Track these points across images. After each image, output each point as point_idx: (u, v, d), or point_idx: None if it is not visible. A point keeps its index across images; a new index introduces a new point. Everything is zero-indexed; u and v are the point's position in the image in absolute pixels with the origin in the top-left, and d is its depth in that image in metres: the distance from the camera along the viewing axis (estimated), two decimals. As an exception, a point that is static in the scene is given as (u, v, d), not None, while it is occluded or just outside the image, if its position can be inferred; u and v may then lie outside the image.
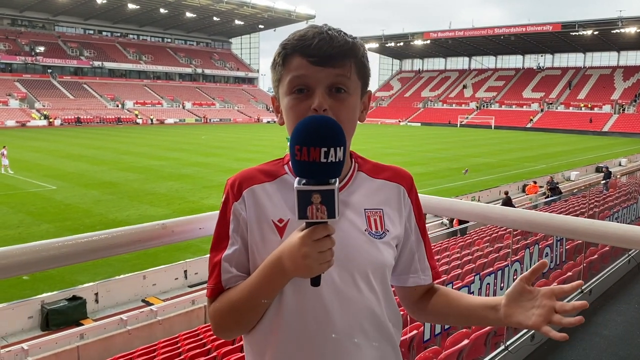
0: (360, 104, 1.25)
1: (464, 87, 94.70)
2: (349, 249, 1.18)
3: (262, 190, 1.24)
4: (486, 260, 8.61)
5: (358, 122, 1.26)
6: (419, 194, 1.37)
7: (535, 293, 1.17)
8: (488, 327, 5.30)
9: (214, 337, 7.59)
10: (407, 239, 1.32)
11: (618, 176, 24.76)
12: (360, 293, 1.21)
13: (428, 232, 1.40)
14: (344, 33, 1.21)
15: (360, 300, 1.21)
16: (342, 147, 1.04)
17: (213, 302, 1.23)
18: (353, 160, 1.30)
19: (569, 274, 7.18)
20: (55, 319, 10.31)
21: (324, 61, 1.15)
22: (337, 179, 1.05)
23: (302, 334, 1.20)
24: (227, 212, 1.25)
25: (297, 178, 1.06)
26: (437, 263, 1.37)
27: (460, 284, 6.08)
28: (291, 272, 1.10)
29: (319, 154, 1.02)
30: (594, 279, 7.32)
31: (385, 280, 1.27)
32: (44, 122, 64.34)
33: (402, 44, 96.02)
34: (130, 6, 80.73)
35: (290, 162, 1.22)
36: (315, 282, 1.10)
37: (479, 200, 19.62)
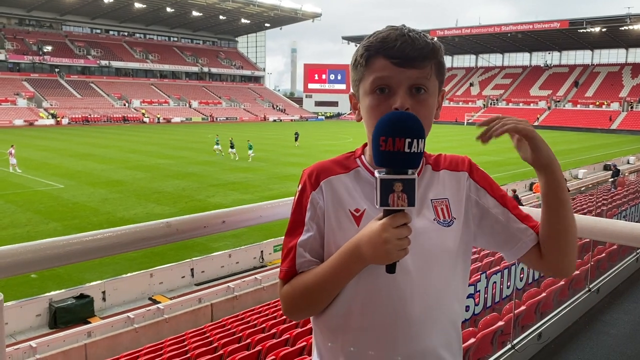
0: (437, 102, 1.31)
1: (471, 85, 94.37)
2: (420, 238, 1.22)
3: (339, 181, 1.30)
4: (493, 258, 8.59)
5: (433, 119, 1.32)
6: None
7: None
8: (495, 326, 5.28)
9: (221, 335, 7.61)
10: (489, 215, 1.34)
11: (626, 174, 24.62)
12: (432, 281, 1.26)
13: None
14: (424, 34, 1.26)
15: (432, 288, 1.26)
16: (423, 140, 1.12)
17: (285, 284, 1.28)
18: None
19: (577, 272, 7.14)
20: (63, 317, 10.38)
21: (406, 63, 1.21)
22: (415, 169, 1.12)
23: (376, 320, 1.24)
24: (304, 201, 1.30)
25: (377, 170, 1.12)
26: (532, 218, 1.37)
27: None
28: (369, 258, 1.15)
29: (403, 144, 1.09)
30: (601, 278, 7.29)
31: (456, 267, 1.31)
32: (52, 121, 64.66)
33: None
34: (137, 5, 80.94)
35: (362, 156, 1.35)
36: (391, 269, 1.14)
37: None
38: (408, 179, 1.08)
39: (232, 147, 32.95)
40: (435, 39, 1.28)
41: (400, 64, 1.21)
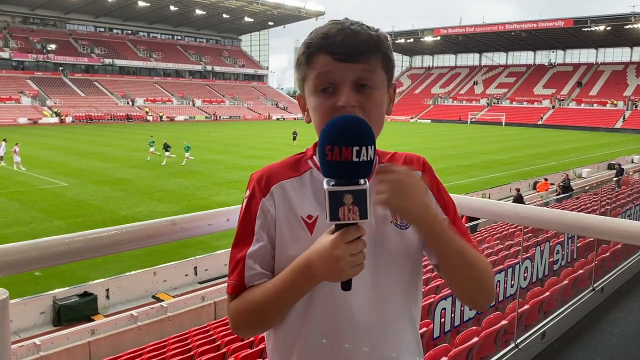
0: (387, 97, 1.23)
1: (475, 83, 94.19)
2: (377, 240, 1.17)
3: (290, 185, 1.22)
4: (496, 257, 8.57)
5: (385, 114, 1.24)
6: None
7: None
8: (498, 325, 5.27)
9: (224, 333, 7.62)
10: None
11: (630, 173, 24.55)
12: (393, 284, 1.21)
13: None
14: (367, 26, 1.19)
15: (393, 292, 1.21)
16: (372, 146, 1.03)
17: (234, 299, 1.21)
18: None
19: (580, 271, 7.13)
20: (67, 315, 10.41)
21: (349, 57, 1.14)
22: (367, 179, 1.03)
23: (332, 332, 1.18)
24: (254, 208, 1.22)
25: (326, 179, 1.03)
26: (470, 236, 1.29)
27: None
28: (321, 276, 1.08)
29: (351, 153, 1.00)
30: (605, 277, 7.27)
31: (415, 269, 1.26)
32: (56, 120, 64.80)
33: (412, 40, 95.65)
34: (141, 4, 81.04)
35: (313, 157, 1.24)
36: (347, 286, 1.07)
37: (489, 197, 19.52)
38: (359, 190, 1.00)
39: (166, 149, 29.51)
40: (380, 29, 1.20)
41: (342, 59, 1.13)
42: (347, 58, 1.14)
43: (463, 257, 1.16)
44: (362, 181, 1.02)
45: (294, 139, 40.35)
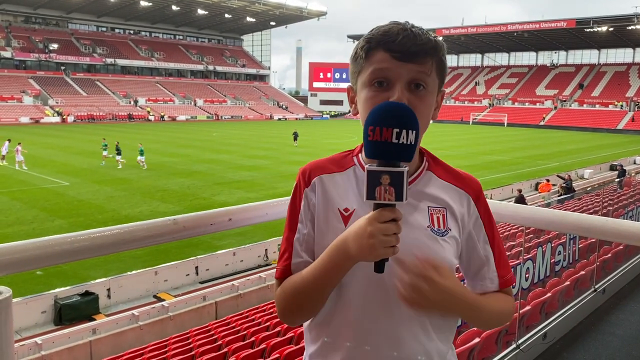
0: (435, 102, 1.28)
1: (477, 84, 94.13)
2: (410, 242, 1.19)
3: (331, 179, 1.29)
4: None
5: (431, 120, 1.28)
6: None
7: None
8: (500, 326, 5.27)
9: (225, 333, 7.62)
10: (474, 248, 1.32)
11: (633, 174, 24.51)
12: None
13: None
14: (427, 31, 1.24)
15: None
16: (414, 131, 1.06)
17: (280, 285, 1.27)
18: (425, 158, 1.32)
19: (582, 272, 7.12)
20: (68, 314, 10.42)
21: (406, 57, 1.19)
22: (407, 163, 1.07)
23: (361, 323, 1.23)
24: (298, 198, 1.30)
25: (369, 162, 1.10)
26: (510, 270, 1.37)
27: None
28: (355, 253, 1.11)
29: (391, 134, 1.05)
30: (607, 278, 7.25)
31: None
32: (57, 119, 64.86)
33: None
34: (143, 3, 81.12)
35: (359, 154, 1.31)
36: (379, 268, 1.10)
37: (491, 198, 19.43)
38: (396, 172, 1.04)
39: (118, 152, 28.12)
40: (440, 37, 1.26)
41: (400, 57, 1.18)
42: (404, 57, 1.19)
43: (490, 313, 1.29)
44: (401, 164, 1.06)
45: (295, 139, 40.23)
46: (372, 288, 1.21)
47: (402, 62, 1.19)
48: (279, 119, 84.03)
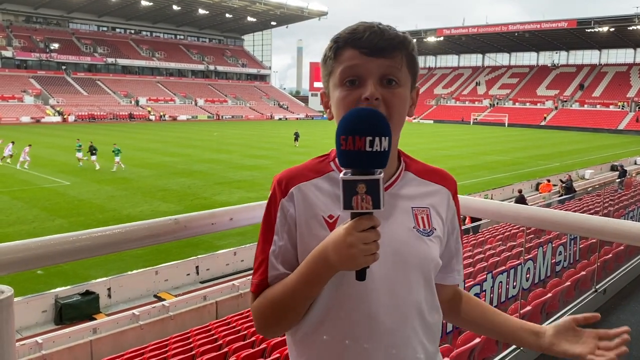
0: (410, 98, 1.26)
1: (477, 84, 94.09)
2: (398, 245, 1.19)
3: (311, 186, 1.24)
4: (499, 258, 8.56)
5: (406, 116, 1.27)
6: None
7: (581, 333, 1.29)
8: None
9: (226, 332, 7.62)
10: (449, 240, 1.34)
11: (633, 175, 24.50)
12: (410, 289, 1.22)
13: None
14: (394, 28, 1.23)
15: (409, 297, 1.22)
16: (387, 137, 1.05)
17: (256, 298, 1.23)
18: (402, 159, 1.31)
19: (583, 273, 7.11)
20: (69, 314, 10.42)
21: (375, 52, 1.17)
22: (382, 170, 1.05)
23: (348, 332, 1.19)
24: (274, 209, 1.25)
25: (344, 170, 1.07)
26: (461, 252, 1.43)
27: (472, 282, 6.05)
28: (336, 264, 1.09)
29: (364, 142, 1.03)
30: (608, 279, 7.25)
31: (432, 277, 1.28)
32: (58, 119, 64.89)
33: (415, 40, 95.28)
34: (144, 3, 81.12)
35: (336, 159, 1.25)
36: (361, 276, 1.09)
37: (491, 198, 19.50)
38: (372, 180, 1.02)
39: (92, 153, 27.06)
40: (407, 33, 1.24)
41: (369, 53, 1.17)
42: (373, 52, 1.17)
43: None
44: (376, 171, 1.04)
45: (296, 139, 40.06)
46: (361, 296, 1.18)
47: (371, 57, 1.17)
48: (280, 119, 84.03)
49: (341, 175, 1.04)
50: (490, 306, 1.45)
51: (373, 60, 1.17)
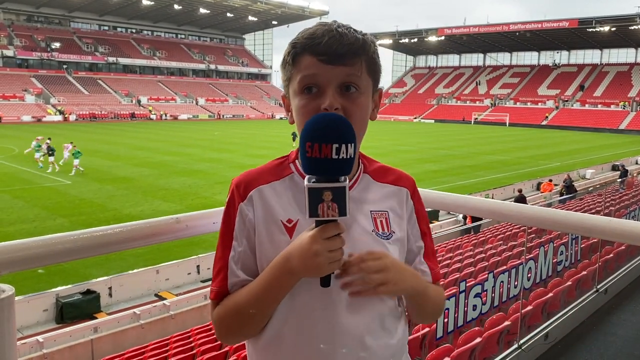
0: (372, 102, 1.24)
1: (478, 84, 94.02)
2: (357, 249, 1.16)
3: (270, 190, 1.22)
4: (499, 258, 8.55)
5: (369, 120, 1.25)
6: (429, 192, 1.39)
7: None
8: (501, 325, 5.27)
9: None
10: (409, 241, 1.31)
11: (635, 174, 24.47)
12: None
13: (440, 230, 1.39)
14: (354, 30, 1.19)
15: (370, 301, 1.20)
16: (352, 144, 1.04)
17: (217, 305, 1.21)
18: (360, 161, 1.29)
19: (584, 272, 7.11)
20: (70, 312, 10.43)
21: (334, 60, 1.14)
22: (347, 176, 1.04)
23: (310, 338, 1.17)
24: (232, 213, 1.23)
25: (307, 176, 1.04)
26: (437, 264, 1.37)
27: (473, 282, 6.04)
28: (300, 271, 1.08)
29: (330, 150, 1.02)
30: (609, 278, 7.25)
31: None
32: (59, 118, 64.98)
33: (416, 40, 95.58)
34: (145, 2, 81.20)
35: (296, 161, 1.24)
36: (325, 282, 1.09)
37: (492, 198, 19.49)
38: (338, 187, 1.01)
39: (50, 154, 25.66)
40: (368, 34, 1.21)
41: (327, 60, 1.13)
42: (332, 60, 1.14)
43: (432, 300, 1.31)
44: (342, 178, 1.03)
45: (294, 139, 39.93)
46: (318, 309, 1.17)
47: (329, 65, 1.14)
48: (281, 118, 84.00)
49: (305, 182, 1.03)
50: None
51: (332, 69, 1.14)
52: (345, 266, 1.11)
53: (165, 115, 73.32)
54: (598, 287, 6.91)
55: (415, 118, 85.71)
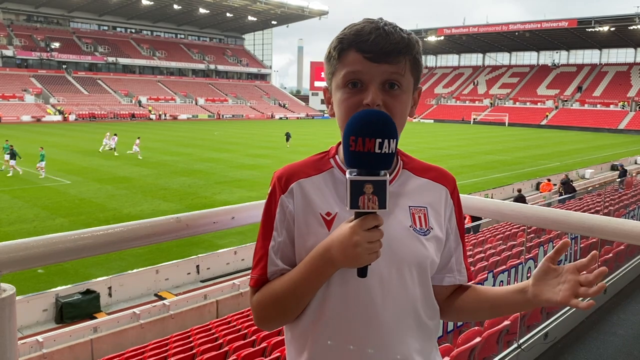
0: (411, 99, 1.27)
1: (477, 84, 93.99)
2: (394, 244, 1.20)
3: (310, 183, 1.26)
4: (499, 258, 8.56)
5: (408, 117, 1.28)
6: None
7: (560, 270, 1.20)
8: (500, 325, 5.27)
9: (226, 331, 7.62)
10: (447, 239, 1.33)
11: (634, 174, 24.48)
12: (404, 287, 1.23)
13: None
14: (400, 29, 1.22)
15: (404, 294, 1.23)
16: (394, 140, 1.08)
17: (256, 292, 1.25)
18: (398, 158, 1.32)
19: (583, 272, 7.11)
20: (70, 312, 10.43)
21: (379, 57, 1.17)
22: (387, 171, 1.08)
23: (345, 326, 1.21)
24: (273, 205, 1.27)
25: (349, 169, 1.08)
26: (469, 264, 1.40)
27: (473, 282, 6.03)
28: (340, 261, 1.12)
29: (373, 144, 1.05)
30: (609, 278, 7.25)
31: (427, 276, 1.28)
32: (59, 118, 64.89)
33: (420, 41, 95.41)
34: (144, 2, 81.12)
35: (335, 156, 1.28)
36: (363, 272, 1.12)
37: (492, 197, 19.49)
38: (379, 181, 1.05)
39: (12, 157, 24.06)
40: (413, 34, 1.24)
41: (373, 58, 1.17)
42: (377, 58, 1.17)
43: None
44: (382, 172, 1.07)
45: (287, 140, 39.39)
46: (356, 292, 1.20)
47: (375, 63, 1.17)
48: (280, 118, 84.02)
49: (347, 175, 1.06)
50: (482, 286, 1.41)
51: (376, 66, 1.17)
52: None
53: (165, 115, 73.26)
54: (597, 286, 6.90)
55: (415, 118, 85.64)
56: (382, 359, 1.22)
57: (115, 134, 33.88)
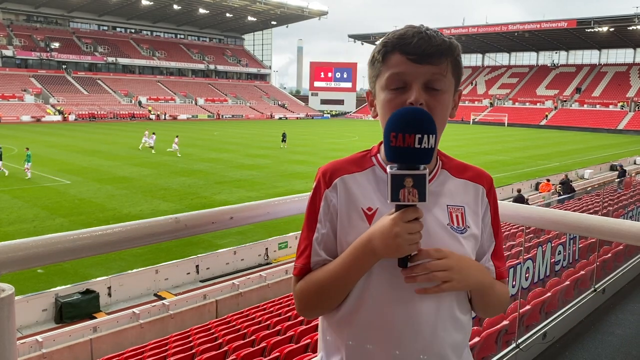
0: (452, 101, 1.32)
1: (477, 84, 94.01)
2: (432, 241, 1.23)
3: (353, 179, 1.31)
4: (498, 258, 8.54)
5: (448, 117, 1.33)
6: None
7: None
8: (499, 325, 5.28)
9: (226, 331, 7.63)
10: (482, 238, 1.37)
11: (633, 175, 24.49)
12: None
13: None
14: (441, 33, 1.28)
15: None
16: (434, 135, 1.13)
17: (299, 281, 1.31)
18: (438, 158, 1.37)
19: (582, 272, 7.12)
20: (69, 312, 10.44)
21: (422, 59, 1.22)
22: (426, 165, 1.14)
23: (384, 317, 1.25)
24: (318, 198, 1.32)
25: (389, 164, 1.15)
26: (505, 263, 1.44)
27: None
28: (381, 251, 1.17)
29: (413, 140, 1.11)
30: (607, 278, 7.25)
31: None
32: (59, 118, 64.85)
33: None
34: (144, 2, 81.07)
35: (377, 154, 1.35)
36: (403, 263, 1.18)
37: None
38: (419, 175, 1.11)
39: None
40: (453, 38, 1.29)
41: (416, 60, 1.22)
42: (420, 59, 1.22)
43: (496, 296, 1.37)
44: (422, 167, 1.12)
45: (283, 140, 39.14)
46: (393, 289, 1.24)
47: (418, 64, 1.22)
48: (280, 118, 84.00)
49: (388, 169, 1.13)
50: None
51: (420, 67, 1.22)
52: (414, 260, 1.19)
53: (165, 115, 73.23)
54: (596, 286, 6.91)
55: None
56: (418, 348, 1.26)
57: (153, 133, 35.39)
